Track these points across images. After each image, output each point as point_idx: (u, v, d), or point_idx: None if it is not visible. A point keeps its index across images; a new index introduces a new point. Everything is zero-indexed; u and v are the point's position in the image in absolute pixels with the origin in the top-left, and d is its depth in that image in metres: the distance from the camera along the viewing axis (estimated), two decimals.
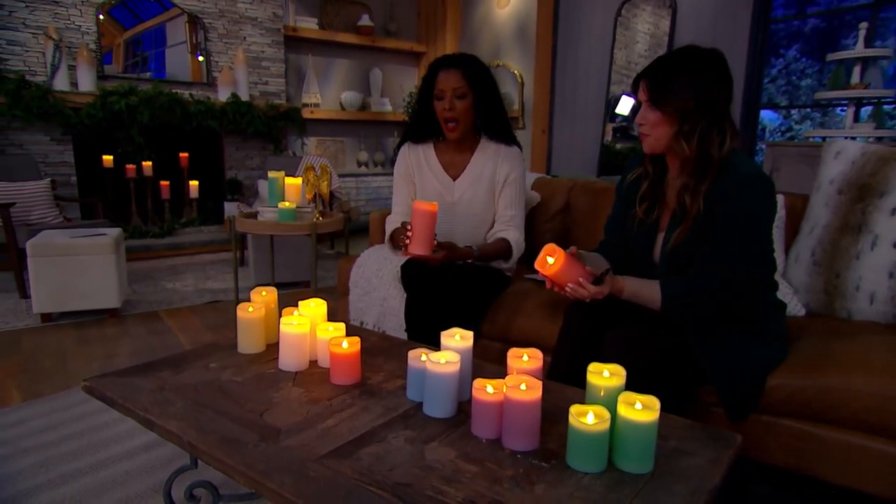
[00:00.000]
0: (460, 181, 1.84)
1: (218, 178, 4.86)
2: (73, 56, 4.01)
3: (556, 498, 0.85)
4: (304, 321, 1.30)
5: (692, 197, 1.30)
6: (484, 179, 1.83)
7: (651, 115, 1.32)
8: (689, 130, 1.29)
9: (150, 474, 1.49)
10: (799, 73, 5.02)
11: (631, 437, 0.92)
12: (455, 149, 1.87)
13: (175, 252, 4.37)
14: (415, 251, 1.52)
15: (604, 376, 1.01)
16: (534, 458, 0.95)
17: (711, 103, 1.27)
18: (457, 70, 1.73)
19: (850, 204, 1.49)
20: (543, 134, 4.99)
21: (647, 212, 1.42)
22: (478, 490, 0.86)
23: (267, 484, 0.87)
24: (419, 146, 1.90)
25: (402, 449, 0.97)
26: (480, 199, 1.83)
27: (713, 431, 1.07)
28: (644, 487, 0.88)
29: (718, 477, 0.92)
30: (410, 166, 1.91)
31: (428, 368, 1.08)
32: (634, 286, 1.35)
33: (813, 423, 1.27)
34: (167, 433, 1.04)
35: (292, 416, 1.08)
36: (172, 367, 1.30)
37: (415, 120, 1.88)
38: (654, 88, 1.30)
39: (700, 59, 1.29)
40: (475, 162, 1.85)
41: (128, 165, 4.28)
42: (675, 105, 1.28)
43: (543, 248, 1.35)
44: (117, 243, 2.79)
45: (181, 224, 4.60)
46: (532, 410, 0.97)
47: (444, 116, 1.75)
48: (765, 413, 1.31)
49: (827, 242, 1.51)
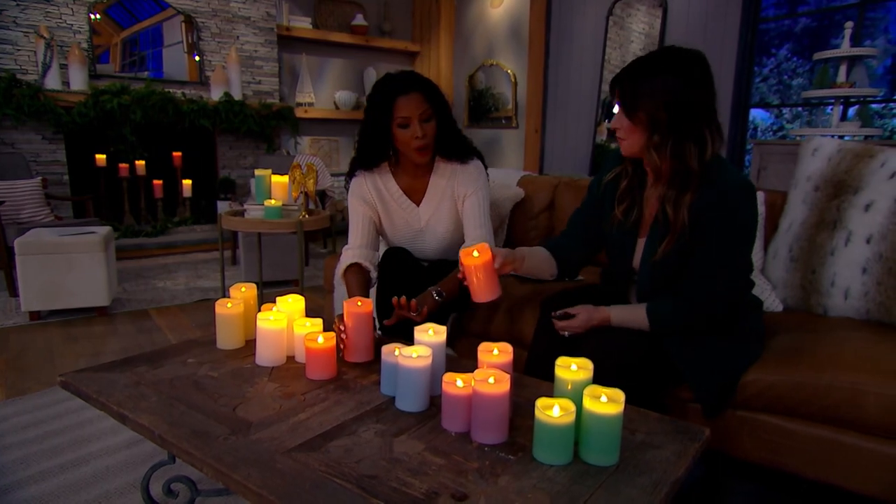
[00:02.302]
0: (424, 206, 1.74)
1: (211, 178, 4.87)
2: (65, 55, 4.01)
3: (518, 489, 0.86)
4: (280, 317, 1.31)
5: (675, 209, 1.24)
6: (445, 200, 1.73)
7: (624, 120, 1.26)
8: (660, 142, 1.21)
9: (130, 470, 1.50)
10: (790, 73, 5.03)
11: (596, 430, 0.93)
12: (412, 174, 1.74)
13: (167, 251, 4.37)
14: (353, 358, 1.33)
15: (571, 370, 1.02)
16: (501, 451, 0.96)
17: (688, 112, 1.19)
18: (417, 93, 1.58)
19: (826, 200, 1.50)
20: (536, 133, 5.00)
21: (626, 213, 1.36)
22: (442, 482, 0.87)
23: (233, 476, 0.88)
24: (374, 173, 1.74)
25: (371, 442, 0.98)
26: (445, 220, 1.74)
27: (681, 425, 1.08)
28: (608, 479, 0.89)
29: (682, 469, 0.93)
30: (370, 193, 1.74)
31: (400, 363, 1.09)
32: (622, 315, 1.32)
33: (786, 418, 1.28)
34: (139, 427, 1.05)
35: (265, 411, 1.09)
36: (150, 362, 1.31)
37: (366, 147, 1.69)
38: (624, 96, 1.24)
39: (677, 62, 1.20)
40: (434, 184, 1.73)
41: (121, 164, 4.29)
42: (644, 115, 1.21)
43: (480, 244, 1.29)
44: (106, 241, 2.79)
45: (174, 223, 4.61)
46: (500, 404, 0.98)
47: (415, 145, 1.59)
48: (740, 408, 1.32)
49: (804, 239, 1.52)
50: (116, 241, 3.83)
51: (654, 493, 0.86)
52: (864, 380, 1.19)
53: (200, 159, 4.81)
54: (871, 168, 1.44)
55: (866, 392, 1.18)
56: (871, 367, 1.21)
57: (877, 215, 1.40)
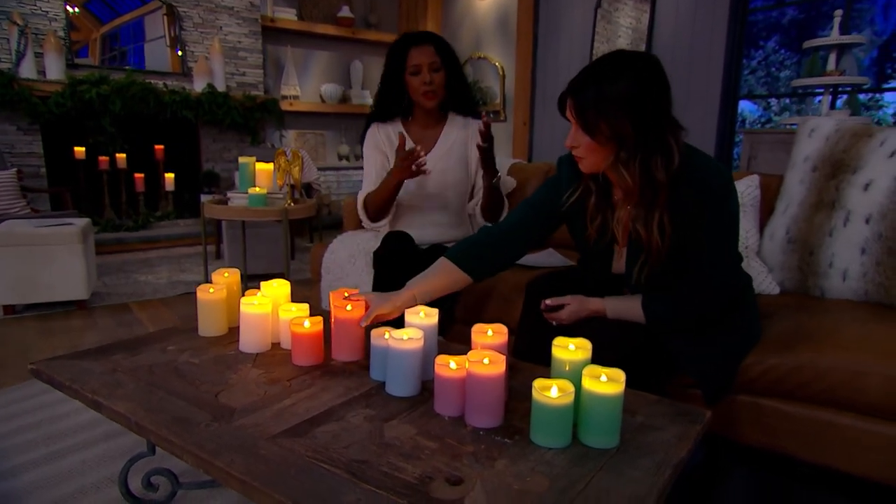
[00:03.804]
0: (432, 154, 1.84)
1: (194, 171, 4.77)
2: (40, 43, 3.90)
3: (516, 473, 0.82)
4: (265, 301, 1.26)
5: (646, 229, 1.16)
6: (455, 150, 1.86)
7: (583, 138, 1.14)
8: (627, 158, 1.12)
9: (108, 464, 1.44)
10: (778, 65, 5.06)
11: (596, 411, 0.89)
12: (424, 125, 1.88)
13: (149, 245, 4.28)
14: (341, 357, 1.26)
15: (569, 349, 0.98)
16: (496, 435, 0.92)
17: (653, 122, 1.10)
18: (429, 45, 1.75)
19: (824, 180, 1.48)
20: (525, 126, 4.97)
21: (601, 230, 1.27)
22: (436, 466, 0.83)
23: (215, 463, 0.83)
24: (388, 125, 1.89)
25: (361, 427, 0.94)
26: (453, 169, 1.86)
27: (681, 407, 1.05)
28: (608, 461, 0.86)
29: (685, 451, 0.89)
30: (382, 143, 1.89)
31: (390, 346, 1.05)
32: (617, 308, 1.26)
33: (785, 401, 1.25)
34: (115, 415, 0.99)
35: (248, 397, 1.04)
36: (128, 350, 1.25)
37: (382, 98, 1.86)
38: (582, 112, 1.12)
39: (633, 68, 1.10)
40: (446, 134, 1.87)
41: (100, 157, 4.18)
42: (608, 130, 1.10)
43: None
44: (85, 233, 2.71)
45: (156, 217, 4.51)
46: (495, 386, 0.94)
47: (423, 90, 1.75)
48: (740, 392, 1.29)
49: (801, 220, 1.50)
50: (96, 236, 3.72)
51: (658, 474, 0.83)
52: (865, 361, 1.17)
53: (183, 152, 4.71)
54: (871, 147, 1.42)
55: (867, 373, 1.16)
56: (871, 348, 1.19)
57: (876, 195, 1.38)
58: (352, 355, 1.19)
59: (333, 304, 1.20)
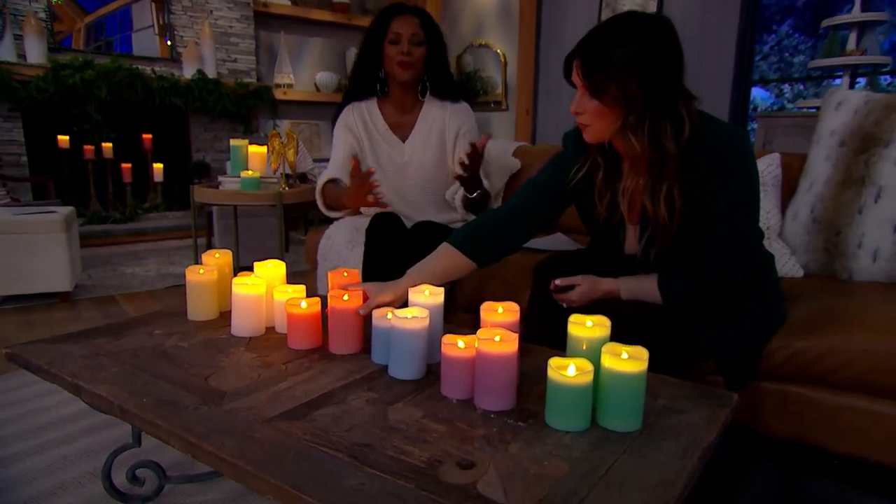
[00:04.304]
0: (409, 142, 1.81)
1: (184, 161, 4.73)
2: (20, 25, 3.84)
3: (532, 456, 0.78)
4: (258, 282, 1.22)
5: (652, 201, 1.14)
6: (433, 137, 1.81)
7: (589, 103, 1.12)
8: (636, 122, 1.09)
9: (90, 459, 1.40)
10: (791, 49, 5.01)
11: (617, 391, 0.85)
12: (400, 107, 1.83)
13: (137, 238, 4.23)
14: (339, 350, 1.18)
15: (586, 326, 0.94)
16: (509, 418, 0.89)
17: (663, 85, 1.07)
18: (414, 17, 1.71)
19: (853, 156, 1.44)
20: (528, 115, 4.93)
21: (610, 208, 1.24)
22: (445, 450, 0.79)
23: (204, 446, 0.79)
24: (362, 104, 1.84)
25: (363, 410, 0.90)
26: (431, 157, 1.81)
27: (706, 390, 1.01)
28: (631, 445, 0.82)
29: (713, 435, 0.86)
30: (356, 124, 1.83)
31: (394, 325, 1.01)
32: (631, 288, 1.22)
33: (813, 388, 1.21)
34: (96, 398, 0.95)
35: (241, 380, 1.00)
36: (111, 334, 1.21)
37: (357, 71, 1.81)
38: (590, 73, 1.09)
39: (643, 29, 1.07)
40: (423, 120, 1.82)
41: (85, 146, 4.13)
42: (617, 92, 1.07)
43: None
44: (68, 221, 2.67)
45: (144, 209, 4.46)
46: (507, 365, 0.90)
47: (398, 59, 1.69)
48: (764, 379, 1.26)
49: (827, 198, 1.46)
50: (81, 228, 3.68)
51: (685, 457, 0.79)
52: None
53: (172, 142, 4.66)
54: None
55: None
56: None
57: None
58: (349, 347, 1.14)
59: (331, 293, 1.15)
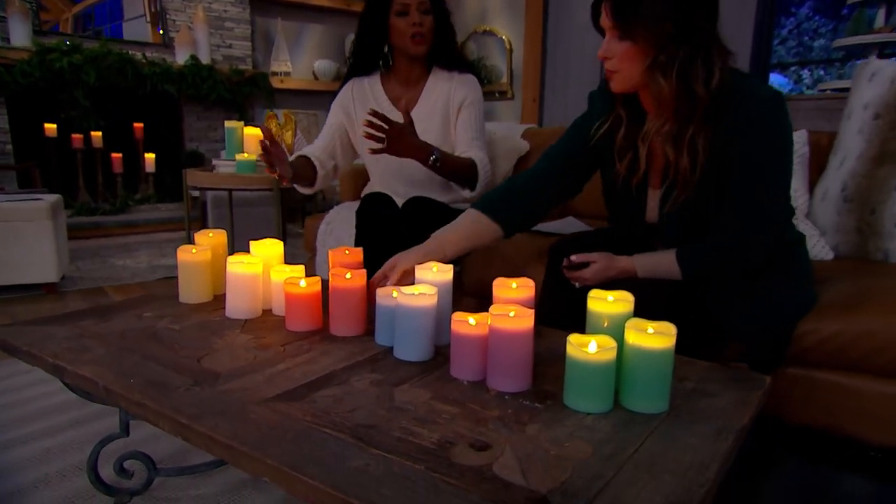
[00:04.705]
0: (412, 115, 1.73)
1: (177, 151, 4.69)
2: (2, 6, 3.80)
3: (551, 438, 0.74)
4: (255, 261, 1.18)
5: (675, 148, 1.13)
6: (438, 111, 1.78)
7: (618, 46, 1.12)
8: (666, 61, 1.09)
9: (76, 451, 1.37)
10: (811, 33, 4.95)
11: (642, 369, 0.81)
12: (405, 80, 1.80)
13: (128, 230, 4.20)
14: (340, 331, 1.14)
15: (608, 302, 0.90)
16: (525, 399, 0.85)
17: (695, 21, 1.07)
18: None
19: (889, 129, 1.40)
20: (534, 103, 4.89)
21: (630, 168, 1.23)
22: (457, 431, 0.75)
23: (196, 428, 0.75)
24: (364, 80, 1.82)
25: (367, 391, 0.86)
26: (435, 132, 1.77)
27: (736, 373, 0.97)
28: (659, 427, 0.78)
29: (747, 417, 0.82)
30: (352, 101, 1.81)
31: (400, 303, 0.97)
32: (648, 264, 1.20)
33: (848, 374, 1.18)
34: (79, 379, 0.91)
35: (235, 362, 0.96)
36: (98, 316, 1.18)
37: (360, 47, 1.78)
38: (621, 11, 1.09)
39: None
40: (428, 93, 1.79)
41: (74, 135, 4.09)
42: (648, 30, 1.08)
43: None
44: (55, 210, 2.63)
45: (135, 201, 4.43)
46: (522, 343, 0.86)
47: (411, 32, 1.67)
48: (792, 365, 1.22)
49: (860, 175, 1.42)
50: (69, 220, 3.64)
51: (719, 440, 0.75)
52: None
53: (165, 131, 4.63)
54: None
55: None
56: None
57: None
58: (352, 329, 1.10)
59: (332, 271, 1.12)
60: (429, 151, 1.56)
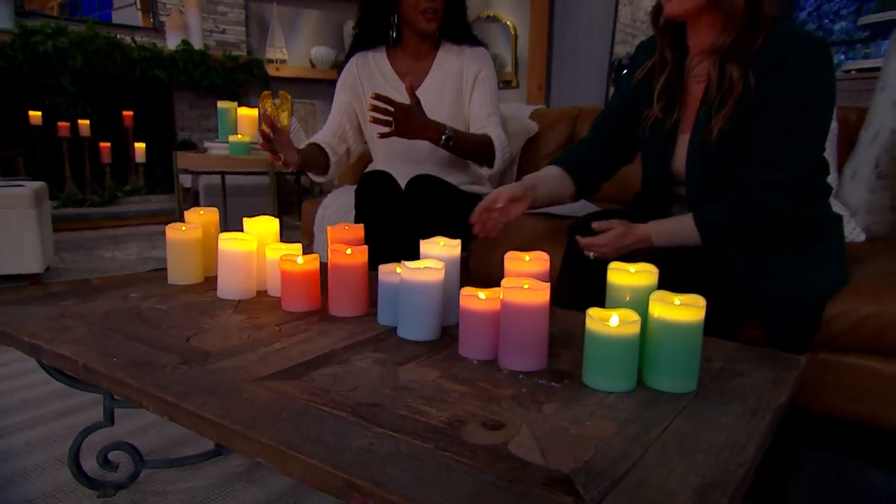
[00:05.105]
0: (421, 91, 1.72)
1: (168, 141, 4.66)
2: None
3: (571, 417, 0.70)
4: (249, 238, 1.14)
5: (739, 64, 1.11)
6: (449, 84, 1.75)
7: None
8: None
9: (57, 444, 1.33)
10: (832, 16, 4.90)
11: (669, 344, 0.77)
12: (414, 54, 1.77)
13: (117, 222, 4.17)
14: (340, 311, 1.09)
15: (630, 273, 0.86)
16: (540, 378, 0.81)
17: None
18: None
19: None
20: (540, 91, 4.85)
21: (665, 110, 1.25)
22: (468, 409, 0.71)
23: (183, 406, 0.71)
24: (369, 54, 1.79)
25: (369, 370, 0.82)
26: (446, 106, 1.74)
27: (767, 353, 0.93)
28: (688, 406, 0.74)
29: (784, 396, 0.78)
30: (358, 78, 1.78)
31: (404, 279, 0.93)
32: (664, 230, 1.20)
33: (884, 359, 1.13)
34: (58, 358, 0.88)
35: (228, 341, 0.92)
36: (80, 296, 1.14)
37: (366, 20, 1.76)
38: None
39: None
40: (438, 67, 1.76)
41: (59, 123, 4.06)
42: None
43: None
44: (38, 197, 2.59)
45: (125, 192, 4.40)
46: (537, 317, 0.82)
47: (423, 6, 1.64)
48: (821, 350, 1.18)
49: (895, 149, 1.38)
50: (55, 212, 3.61)
51: (755, 419, 0.71)
52: None
53: (156, 119, 4.60)
54: None
55: None
56: None
57: None
58: (353, 309, 1.06)
59: (332, 247, 1.08)
60: (440, 131, 1.54)
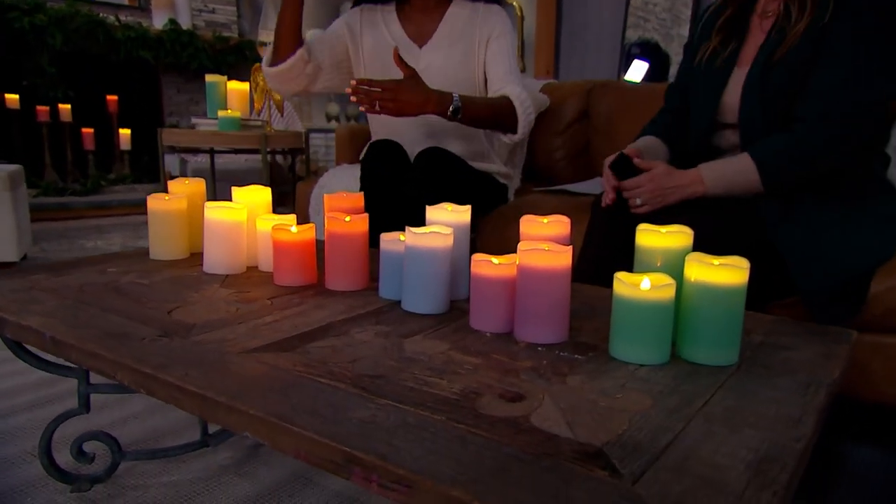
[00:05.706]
0: (428, 48, 1.69)
1: (155, 127, 4.60)
2: None
3: (599, 389, 0.65)
4: (238, 208, 1.09)
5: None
6: (458, 43, 1.68)
7: None
8: None
9: (28, 436, 1.28)
10: None
11: (708, 310, 0.72)
12: (422, 14, 1.71)
13: (100, 212, 4.12)
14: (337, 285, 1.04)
15: (661, 234, 0.81)
16: (561, 351, 0.76)
17: None
18: None
19: None
20: (548, 75, 4.79)
21: (724, 43, 1.27)
22: (482, 381, 0.66)
23: (162, 377, 0.66)
24: (377, 9, 1.74)
25: (371, 342, 0.77)
26: (455, 64, 1.67)
27: (812, 327, 0.88)
28: (730, 380, 0.69)
29: (837, 371, 0.73)
30: (360, 24, 1.73)
31: (409, 245, 0.88)
32: (717, 173, 1.16)
33: None
34: (24, 331, 0.83)
35: (214, 314, 0.87)
36: (52, 271, 1.09)
37: None
38: None
39: None
40: (447, 24, 1.69)
41: (39, 107, 4.02)
42: None
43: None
44: (14, 180, 2.55)
45: (109, 181, 4.35)
46: (558, 284, 0.77)
47: None
48: (866, 330, 1.12)
49: None
50: (34, 200, 3.57)
51: (808, 394, 0.66)
52: None
53: (142, 103, 4.55)
54: None
55: None
56: None
57: None
58: (352, 282, 1.01)
59: (329, 215, 1.03)
60: (445, 102, 1.46)
